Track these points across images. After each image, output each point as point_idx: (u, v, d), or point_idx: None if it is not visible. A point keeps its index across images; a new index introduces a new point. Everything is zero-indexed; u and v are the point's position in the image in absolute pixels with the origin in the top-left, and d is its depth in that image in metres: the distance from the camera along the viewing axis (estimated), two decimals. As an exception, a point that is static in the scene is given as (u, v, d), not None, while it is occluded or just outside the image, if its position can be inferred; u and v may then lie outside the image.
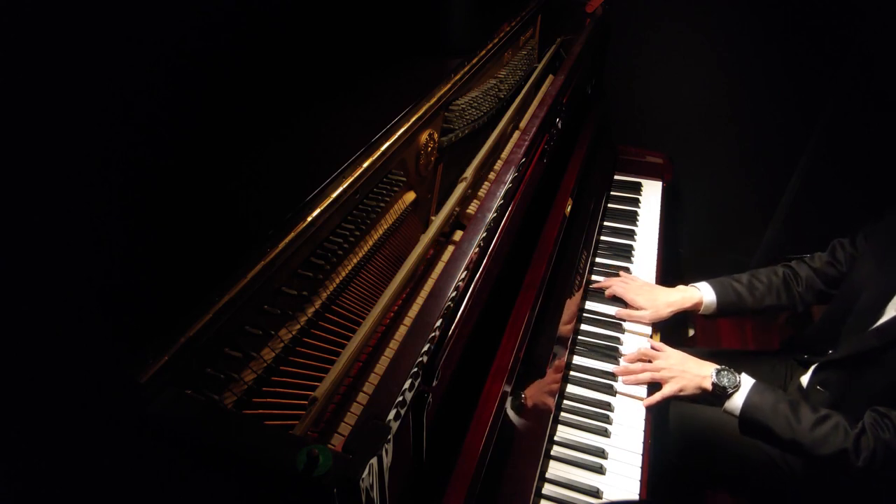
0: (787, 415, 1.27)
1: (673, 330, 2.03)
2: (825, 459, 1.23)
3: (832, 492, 1.41)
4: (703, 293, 1.64)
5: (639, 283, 1.74)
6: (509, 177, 1.12)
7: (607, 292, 1.72)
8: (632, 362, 1.52)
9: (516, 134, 1.60)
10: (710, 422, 1.55)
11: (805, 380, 1.52)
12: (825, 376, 1.44)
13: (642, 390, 1.47)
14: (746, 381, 1.35)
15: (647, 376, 1.46)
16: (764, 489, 1.51)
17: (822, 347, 1.51)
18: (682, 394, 1.42)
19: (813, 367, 1.48)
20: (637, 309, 1.66)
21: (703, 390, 1.39)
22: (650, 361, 1.49)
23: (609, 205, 2.17)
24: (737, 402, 1.34)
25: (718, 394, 1.36)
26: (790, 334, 1.75)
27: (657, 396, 1.43)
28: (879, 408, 1.23)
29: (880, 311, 1.34)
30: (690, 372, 1.42)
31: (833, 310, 1.53)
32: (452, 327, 0.83)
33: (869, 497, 1.35)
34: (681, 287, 1.69)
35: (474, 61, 1.39)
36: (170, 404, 0.67)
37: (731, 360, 1.77)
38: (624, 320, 1.67)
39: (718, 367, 1.39)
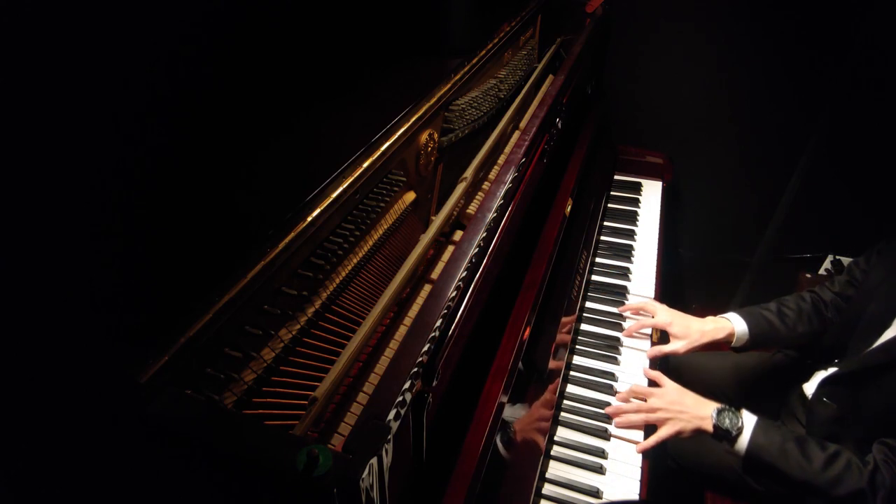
0: (797, 454, 1.21)
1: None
2: (840, 501, 1.18)
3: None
4: (734, 323, 1.55)
5: (664, 309, 1.62)
6: (509, 177, 1.12)
7: (636, 325, 1.63)
8: (624, 401, 1.43)
9: (516, 134, 1.59)
10: None
11: (808, 389, 1.50)
12: (833, 389, 1.40)
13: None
14: (749, 420, 1.28)
15: (640, 418, 1.37)
16: (766, 491, 1.50)
17: (829, 357, 1.50)
18: (680, 436, 1.33)
19: (819, 381, 1.45)
20: (671, 338, 1.57)
21: (704, 431, 1.31)
22: (645, 399, 1.40)
23: (609, 205, 2.17)
24: (742, 443, 1.27)
25: (720, 436, 1.29)
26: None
27: (652, 440, 1.34)
28: (888, 440, 1.19)
29: (888, 323, 1.33)
30: (689, 413, 1.33)
31: (842, 319, 1.51)
32: (452, 327, 0.83)
33: None
34: (710, 318, 1.59)
35: (474, 61, 1.39)
36: (170, 404, 0.67)
37: (731, 360, 1.78)
38: (656, 356, 1.57)
39: (719, 406, 1.31)
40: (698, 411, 1.32)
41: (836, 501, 1.19)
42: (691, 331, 1.54)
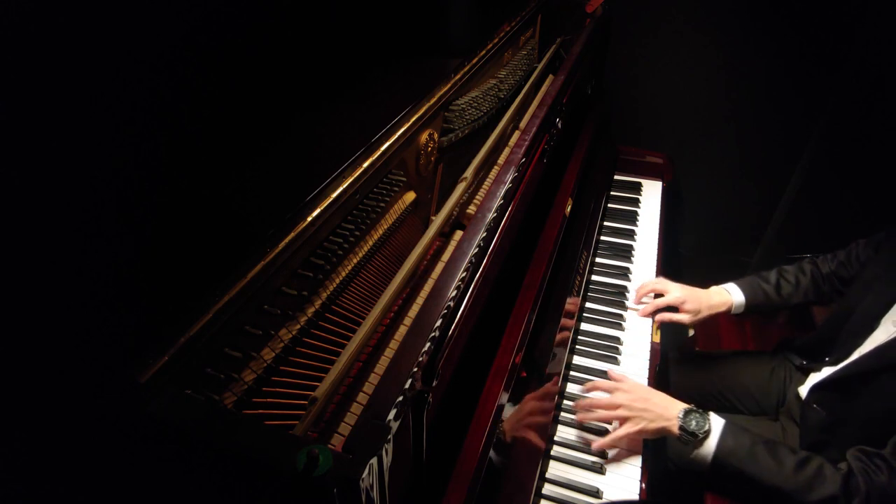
0: (767, 458, 1.17)
1: (673, 330, 2.03)
2: None
3: None
4: (732, 296, 1.65)
5: (675, 285, 1.68)
6: (509, 177, 1.12)
7: (650, 307, 1.68)
8: (588, 392, 1.41)
9: (516, 134, 1.59)
10: None
11: (803, 391, 1.49)
12: (822, 395, 1.39)
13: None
14: (716, 423, 1.22)
15: (602, 415, 1.32)
16: (766, 493, 1.49)
17: (821, 353, 1.50)
18: (641, 436, 1.28)
19: (810, 386, 1.45)
20: (683, 312, 1.64)
21: (668, 434, 1.25)
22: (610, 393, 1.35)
23: (609, 205, 2.17)
24: (708, 448, 1.21)
25: (685, 440, 1.22)
26: (789, 335, 1.75)
27: (608, 439, 1.29)
28: (866, 448, 1.16)
29: (876, 322, 1.33)
30: (653, 411, 1.26)
31: (834, 316, 1.52)
32: (452, 327, 0.83)
33: None
34: (713, 289, 1.68)
35: (474, 61, 1.39)
36: (170, 404, 0.67)
37: (731, 360, 1.78)
38: (664, 321, 1.65)
39: (686, 407, 1.25)
40: (664, 411, 1.26)
41: None
42: (701, 306, 1.64)
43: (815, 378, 1.47)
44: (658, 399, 1.30)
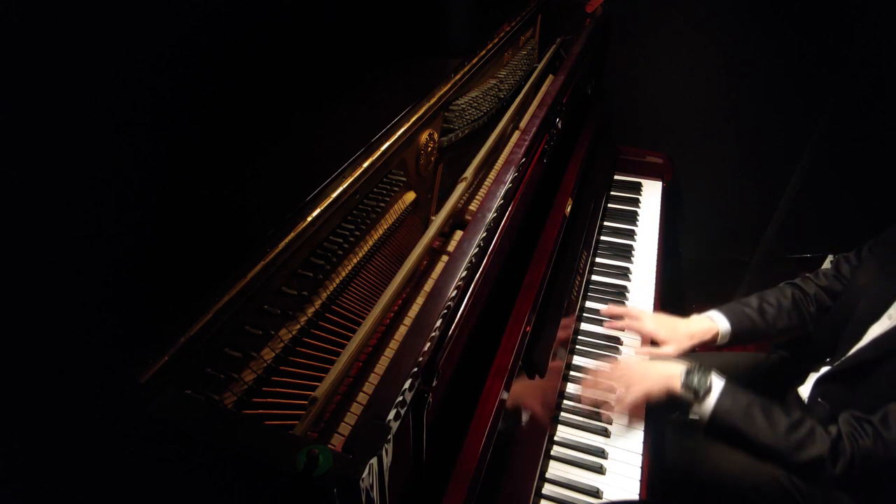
0: (762, 419, 1.21)
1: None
2: (800, 467, 1.19)
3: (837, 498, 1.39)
4: (717, 323, 1.55)
5: (649, 314, 1.63)
6: (509, 177, 1.12)
7: (620, 323, 1.62)
8: (591, 378, 1.43)
9: (516, 134, 1.59)
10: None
11: (804, 392, 1.49)
12: (825, 388, 1.40)
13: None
14: (717, 383, 1.27)
15: (607, 383, 1.38)
16: (767, 495, 1.49)
17: (821, 355, 1.49)
18: (649, 398, 1.32)
19: (814, 380, 1.45)
20: (659, 343, 1.54)
21: (672, 391, 1.30)
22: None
23: (609, 205, 2.17)
24: (707, 406, 1.26)
25: (687, 397, 1.28)
26: (787, 340, 1.74)
27: (621, 405, 1.34)
28: (857, 413, 1.20)
29: (877, 319, 1.33)
30: (657, 372, 1.33)
31: (831, 318, 1.50)
32: (452, 327, 0.83)
33: None
34: (694, 317, 1.58)
35: (474, 61, 1.39)
36: (170, 404, 0.67)
37: (730, 361, 1.78)
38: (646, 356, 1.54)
39: (689, 365, 1.31)
40: (667, 369, 1.32)
41: (796, 466, 1.20)
42: (679, 335, 1.53)
43: (815, 377, 1.47)
44: (660, 364, 1.37)
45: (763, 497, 1.44)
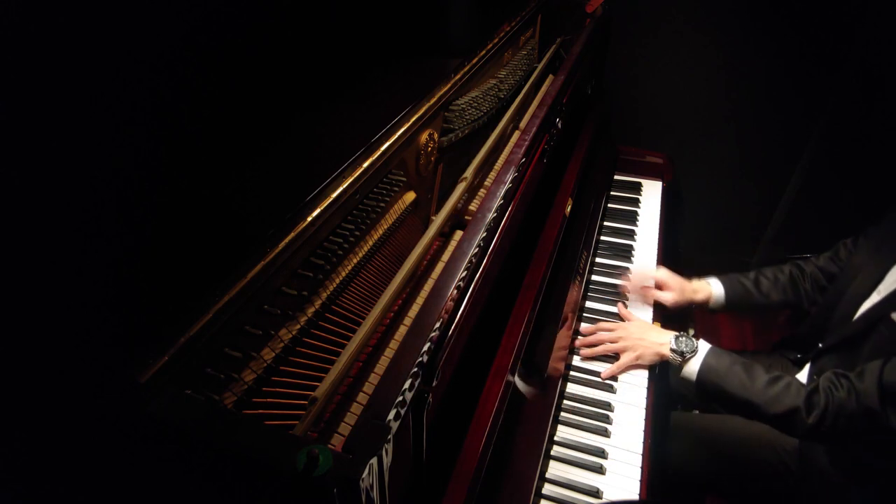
0: (741, 375, 1.29)
1: (673, 327, 2.03)
2: (777, 418, 1.24)
3: (837, 499, 1.40)
4: (712, 287, 1.69)
5: (665, 271, 1.75)
6: (509, 177, 1.12)
7: (638, 278, 1.74)
8: (590, 334, 1.55)
9: (516, 134, 1.59)
10: (710, 429, 1.55)
11: (802, 378, 1.52)
12: (820, 366, 1.44)
13: (642, 390, 1.47)
14: (703, 346, 1.38)
15: (602, 348, 1.50)
16: (766, 495, 1.50)
17: (813, 343, 1.52)
18: (640, 362, 1.45)
19: (809, 363, 1.48)
20: (663, 288, 1.70)
21: (662, 357, 1.43)
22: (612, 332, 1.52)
23: (609, 205, 2.17)
24: (693, 366, 1.36)
25: (676, 359, 1.39)
26: (786, 336, 1.75)
27: (614, 367, 1.46)
28: (838, 370, 1.25)
29: (867, 297, 1.36)
30: (648, 339, 1.45)
31: (824, 303, 1.55)
32: (452, 327, 0.83)
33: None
34: (695, 280, 1.73)
35: (474, 61, 1.39)
36: (170, 404, 0.67)
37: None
38: (649, 298, 1.70)
39: (677, 333, 1.41)
40: (658, 338, 1.45)
41: (773, 419, 1.25)
42: (683, 287, 1.69)
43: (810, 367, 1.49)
44: (652, 331, 1.50)
45: (762, 484, 1.47)
